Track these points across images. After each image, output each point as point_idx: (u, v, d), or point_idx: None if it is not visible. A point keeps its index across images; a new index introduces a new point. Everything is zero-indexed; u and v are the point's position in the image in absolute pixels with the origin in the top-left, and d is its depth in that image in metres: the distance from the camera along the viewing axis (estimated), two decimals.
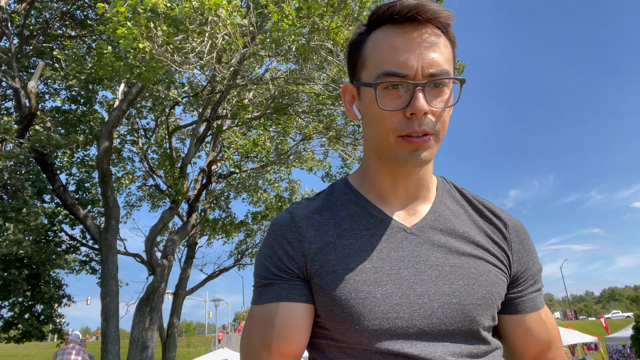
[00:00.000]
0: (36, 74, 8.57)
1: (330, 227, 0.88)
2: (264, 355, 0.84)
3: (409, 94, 0.79)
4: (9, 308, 10.81)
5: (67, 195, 9.39)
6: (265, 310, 0.85)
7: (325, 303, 0.82)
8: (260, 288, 0.88)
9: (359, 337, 0.80)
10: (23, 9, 9.60)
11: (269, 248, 0.89)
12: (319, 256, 0.85)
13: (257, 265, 0.90)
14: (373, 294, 0.80)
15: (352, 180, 0.96)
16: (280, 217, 0.92)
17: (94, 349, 14.60)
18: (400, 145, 0.81)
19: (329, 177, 13.25)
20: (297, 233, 0.88)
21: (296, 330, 0.84)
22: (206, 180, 11.19)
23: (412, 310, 0.80)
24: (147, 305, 9.53)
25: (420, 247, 0.85)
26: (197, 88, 10.48)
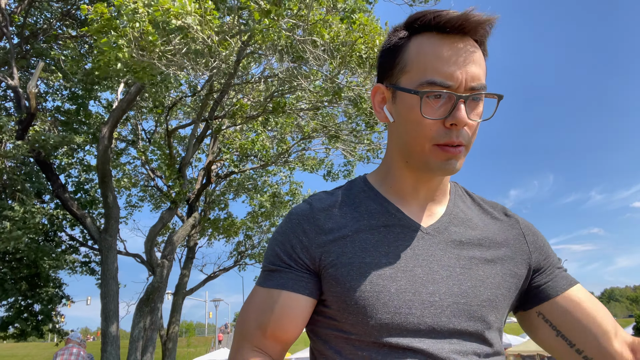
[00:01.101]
0: (36, 74, 8.56)
1: (348, 220, 0.90)
2: (257, 335, 0.87)
3: (450, 104, 0.81)
4: (6, 307, 10.81)
5: (66, 196, 9.39)
6: (268, 295, 0.88)
7: (339, 294, 0.84)
8: (267, 272, 0.90)
9: (370, 330, 0.81)
10: (23, 9, 9.60)
11: (283, 235, 0.91)
12: (336, 247, 0.87)
13: (269, 250, 0.92)
14: (387, 288, 0.82)
15: (371, 179, 0.98)
16: (299, 207, 0.94)
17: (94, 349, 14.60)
18: (435, 154, 0.83)
19: (331, 176, 13.23)
20: (315, 224, 0.89)
21: (293, 320, 0.86)
22: (206, 180, 11.19)
23: (424, 307, 0.82)
24: (147, 305, 9.53)
25: (435, 247, 0.88)
26: (195, 88, 10.49)
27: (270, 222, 14.28)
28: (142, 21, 5.44)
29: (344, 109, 9.83)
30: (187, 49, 6.19)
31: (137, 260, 12.86)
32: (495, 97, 0.84)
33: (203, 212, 13.92)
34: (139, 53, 5.75)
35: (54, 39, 10.32)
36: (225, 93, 9.14)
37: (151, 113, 11.87)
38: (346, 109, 9.54)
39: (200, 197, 12.27)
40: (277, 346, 0.88)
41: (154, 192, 14.37)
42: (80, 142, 9.57)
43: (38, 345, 45.00)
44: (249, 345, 0.88)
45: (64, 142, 9.00)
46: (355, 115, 9.92)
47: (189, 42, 6.01)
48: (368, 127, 10.25)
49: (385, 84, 0.91)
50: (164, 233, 14.21)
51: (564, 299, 0.90)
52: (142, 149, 12.36)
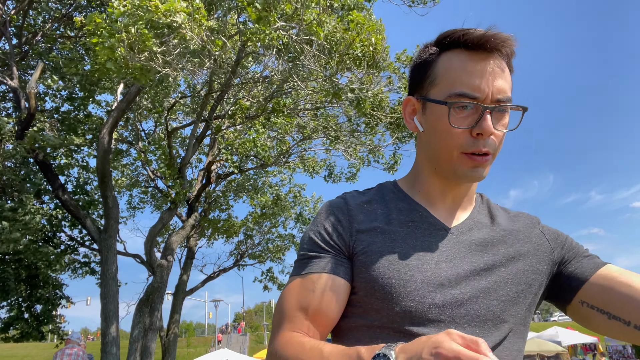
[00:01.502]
0: (35, 74, 8.56)
1: (379, 215, 0.96)
2: (299, 316, 0.89)
3: (477, 115, 0.86)
4: (8, 309, 10.80)
5: (66, 196, 9.38)
6: (308, 279, 0.91)
7: (367, 280, 0.88)
8: (305, 260, 0.94)
9: (394, 316, 0.85)
10: (21, 10, 9.59)
11: (319, 225, 0.96)
12: (367, 237, 0.92)
13: (306, 239, 0.97)
14: (414, 277, 0.86)
15: (400, 183, 1.04)
16: (334, 201, 1.01)
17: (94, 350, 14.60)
18: (463, 161, 0.89)
19: (332, 177, 13.21)
20: (349, 215, 0.95)
21: (335, 302, 0.89)
22: (206, 180, 11.19)
23: (446, 299, 0.85)
24: (147, 305, 9.52)
25: (459, 245, 0.93)
26: (194, 88, 10.48)
27: (271, 223, 14.27)
28: (138, 24, 5.45)
29: (345, 110, 9.83)
30: (182, 48, 6.20)
31: (137, 260, 12.85)
32: (520, 109, 0.90)
33: (203, 213, 13.91)
34: (134, 55, 5.74)
35: (53, 40, 10.32)
36: (225, 93, 9.14)
37: (151, 113, 11.87)
38: (347, 110, 9.54)
39: (200, 198, 12.26)
40: (316, 329, 0.89)
41: (155, 193, 14.36)
42: (79, 143, 9.56)
43: (38, 346, 44.96)
44: (288, 326, 0.88)
45: (64, 143, 9.00)
46: (355, 117, 9.91)
47: (183, 42, 6.01)
48: (368, 128, 10.24)
49: (416, 96, 0.97)
50: (164, 233, 14.20)
51: (598, 279, 0.90)
52: (142, 150, 12.36)
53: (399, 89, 9.14)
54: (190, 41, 6.04)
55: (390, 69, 8.89)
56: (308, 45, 6.87)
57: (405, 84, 9.21)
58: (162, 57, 6.14)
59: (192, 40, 6.01)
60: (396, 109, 9.10)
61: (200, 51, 6.39)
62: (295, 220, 14.64)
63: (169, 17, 5.56)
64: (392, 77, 9.22)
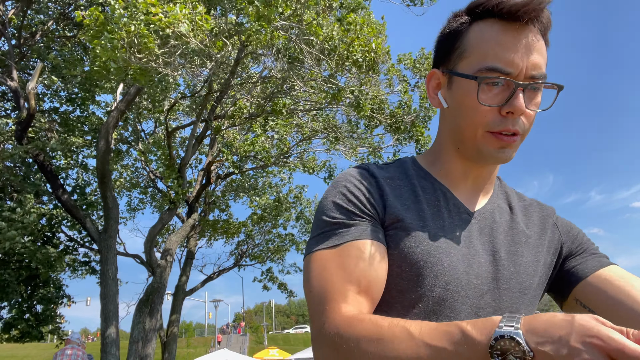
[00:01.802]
0: (35, 75, 8.56)
1: (404, 191, 0.89)
2: (350, 290, 0.77)
3: (508, 92, 0.80)
4: (8, 309, 10.80)
5: (66, 197, 9.38)
6: (351, 248, 0.80)
7: (395, 257, 0.83)
8: (337, 230, 0.83)
9: (416, 299, 0.81)
10: (20, 10, 9.59)
11: (345, 192, 0.86)
12: (397, 211, 0.85)
13: (331, 208, 0.85)
14: (442, 262, 0.82)
15: (420, 161, 0.97)
16: (354, 170, 0.91)
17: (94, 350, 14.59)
18: (488, 141, 0.82)
19: (332, 179, 13.20)
20: (376, 185, 0.88)
21: (384, 270, 0.81)
22: (205, 180, 11.19)
23: (468, 288, 0.82)
24: (146, 306, 9.52)
25: (481, 232, 0.89)
26: (194, 89, 10.49)
27: (272, 223, 14.27)
28: (137, 24, 5.45)
29: (344, 111, 9.84)
30: (183, 50, 6.20)
31: (136, 261, 12.86)
32: (555, 87, 0.84)
33: (203, 213, 13.91)
34: (135, 56, 5.75)
35: (52, 40, 10.32)
36: (224, 93, 9.14)
37: (150, 113, 11.87)
38: (346, 111, 9.55)
39: (200, 198, 12.26)
40: (368, 304, 0.78)
41: (155, 193, 14.36)
42: (79, 144, 9.57)
43: (38, 346, 44.96)
44: (343, 304, 0.75)
45: (64, 144, 9.01)
46: (355, 118, 9.92)
47: (184, 44, 6.02)
48: (368, 130, 10.25)
49: (442, 70, 0.90)
50: (164, 234, 14.20)
51: (595, 278, 0.87)
52: (142, 150, 12.36)
53: (399, 91, 9.15)
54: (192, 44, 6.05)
55: (392, 72, 8.90)
56: (307, 46, 6.87)
57: (405, 87, 9.21)
58: (163, 57, 6.15)
59: (195, 44, 6.02)
60: (396, 111, 9.11)
61: (201, 52, 6.39)
62: (297, 219, 14.63)
63: (172, 28, 5.57)
64: (393, 78, 9.23)
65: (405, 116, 9.02)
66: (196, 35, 5.90)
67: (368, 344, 0.67)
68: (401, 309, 0.82)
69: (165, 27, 5.51)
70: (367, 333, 0.68)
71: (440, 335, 0.62)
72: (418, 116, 9.24)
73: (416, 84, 9.37)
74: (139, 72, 6.06)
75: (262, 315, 72.08)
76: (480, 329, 0.59)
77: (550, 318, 0.56)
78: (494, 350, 0.56)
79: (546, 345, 0.54)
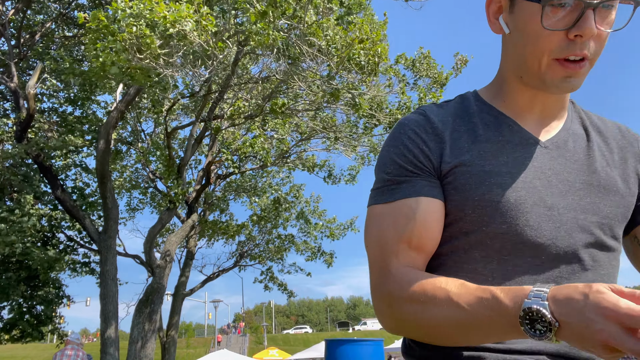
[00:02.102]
0: (34, 75, 8.56)
1: (463, 132, 0.86)
2: (402, 249, 0.81)
3: (577, 13, 0.73)
4: (9, 309, 10.80)
5: (65, 197, 9.38)
6: (402, 206, 0.82)
7: (457, 202, 0.82)
8: (391, 186, 0.85)
9: (484, 240, 0.80)
10: (20, 10, 9.60)
11: (400, 146, 0.86)
12: (454, 156, 0.84)
13: (387, 163, 0.87)
14: (507, 198, 0.79)
15: (482, 94, 0.93)
16: (412, 117, 0.90)
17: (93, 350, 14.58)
18: (553, 70, 0.77)
19: (332, 178, 13.23)
20: (432, 133, 0.86)
21: (436, 226, 0.82)
22: (205, 181, 11.19)
23: (541, 220, 0.79)
24: (146, 306, 9.52)
25: (554, 161, 0.85)
26: (193, 89, 10.48)
27: (272, 224, 14.28)
28: (139, 25, 5.45)
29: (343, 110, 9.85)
30: (185, 51, 6.21)
31: (136, 261, 12.85)
32: (631, 2, 0.76)
33: (203, 213, 13.90)
34: (136, 56, 5.75)
35: (52, 40, 10.32)
36: (223, 93, 9.15)
37: (150, 113, 11.87)
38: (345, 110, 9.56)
39: (200, 198, 12.26)
40: (421, 258, 0.82)
41: (154, 193, 14.36)
42: (79, 144, 9.57)
43: (37, 347, 44.95)
44: (395, 262, 0.80)
45: (64, 145, 9.01)
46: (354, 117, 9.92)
47: (187, 44, 6.02)
48: (367, 130, 10.25)
49: None
50: (164, 234, 14.20)
51: None
52: (142, 150, 12.36)
53: (397, 92, 9.16)
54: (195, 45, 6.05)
55: (390, 72, 8.91)
56: (308, 46, 6.88)
57: (403, 87, 9.21)
58: (164, 58, 6.15)
59: (198, 44, 6.02)
60: (395, 112, 9.12)
61: (203, 52, 6.39)
62: (297, 218, 14.64)
63: (177, 27, 5.56)
64: (392, 79, 9.24)
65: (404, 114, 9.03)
66: (200, 35, 5.90)
67: (414, 304, 0.74)
68: (469, 250, 0.81)
69: (170, 26, 5.51)
70: (413, 294, 0.74)
71: (475, 301, 0.67)
72: None
73: (415, 83, 9.38)
74: (139, 73, 6.07)
75: (261, 315, 72.08)
76: (511, 298, 0.63)
77: (572, 290, 0.59)
78: (522, 319, 0.61)
79: (568, 316, 0.58)
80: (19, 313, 10.74)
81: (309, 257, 14.67)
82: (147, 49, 5.66)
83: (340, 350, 5.09)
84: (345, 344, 5.17)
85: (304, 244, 14.69)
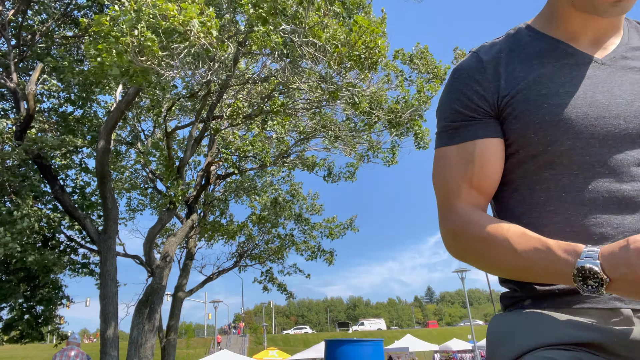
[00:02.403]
0: (34, 75, 8.55)
1: (517, 64, 0.90)
2: (464, 187, 0.89)
3: None
4: (8, 310, 10.79)
5: (65, 197, 9.37)
6: (462, 149, 0.90)
7: (519, 130, 0.86)
8: (450, 131, 0.92)
9: (551, 158, 0.84)
10: (20, 10, 9.59)
11: (456, 92, 0.92)
12: (510, 88, 0.87)
13: (445, 109, 0.94)
14: (567, 115, 0.82)
15: (533, 24, 0.96)
16: (465, 62, 0.94)
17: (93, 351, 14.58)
18: None
19: (332, 177, 13.21)
20: (486, 73, 0.90)
21: (495, 164, 0.89)
22: (205, 181, 11.18)
23: (607, 130, 0.81)
24: (146, 306, 9.51)
25: (614, 74, 0.86)
26: (192, 89, 10.48)
27: (271, 224, 14.27)
28: (140, 28, 5.45)
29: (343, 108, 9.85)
30: (186, 53, 6.20)
31: (136, 261, 12.83)
32: None
33: (202, 214, 13.89)
34: (137, 59, 5.75)
35: (52, 40, 10.31)
36: (223, 93, 9.14)
37: (149, 113, 11.87)
38: (345, 108, 9.56)
39: (200, 199, 12.25)
40: (483, 197, 0.89)
41: (154, 194, 14.34)
42: (79, 144, 9.55)
43: (37, 347, 44.92)
44: (459, 201, 0.89)
45: (63, 144, 8.99)
46: (353, 115, 9.92)
47: (188, 46, 6.02)
48: (366, 126, 10.25)
49: None
50: (163, 234, 14.19)
51: None
52: (142, 150, 12.35)
53: (397, 86, 9.14)
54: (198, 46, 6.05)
55: (389, 67, 8.89)
56: (308, 46, 6.87)
57: (402, 81, 9.20)
58: (166, 60, 6.15)
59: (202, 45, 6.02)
60: (394, 106, 9.10)
61: (204, 54, 6.38)
62: (295, 221, 14.62)
63: (185, 27, 5.58)
64: (390, 74, 9.22)
65: (404, 112, 9.00)
66: (205, 37, 5.90)
67: (475, 242, 0.82)
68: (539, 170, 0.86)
69: (179, 24, 5.51)
70: (475, 234, 0.82)
71: (532, 252, 0.74)
72: (416, 110, 9.21)
73: (410, 77, 9.34)
74: (139, 74, 6.06)
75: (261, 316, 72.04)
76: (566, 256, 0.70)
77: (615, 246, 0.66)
78: (576, 277, 0.68)
79: (616, 269, 0.65)
80: (18, 313, 10.73)
81: (309, 257, 14.64)
82: (148, 52, 5.66)
83: (340, 350, 5.08)
84: (345, 344, 5.16)
85: (304, 243, 14.67)
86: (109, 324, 8.71)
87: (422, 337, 37.66)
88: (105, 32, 5.57)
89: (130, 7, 5.51)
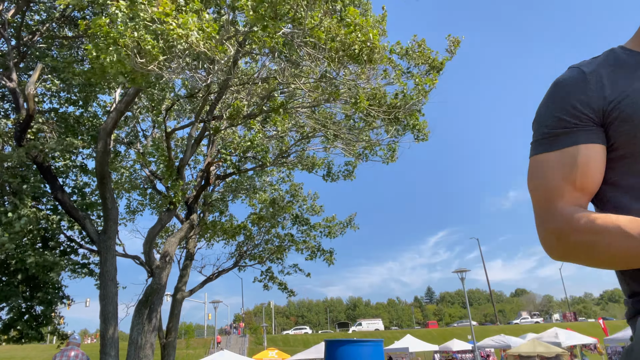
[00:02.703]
0: (34, 76, 8.55)
1: (619, 75, 0.95)
2: (567, 189, 0.93)
3: None
4: (8, 310, 10.78)
5: (65, 198, 9.36)
6: (564, 154, 0.94)
7: (628, 130, 0.90)
8: (551, 138, 0.96)
9: None
10: (20, 10, 9.58)
11: (559, 101, 0.96)
12: (615, 95, 0.92)
13: (547, 118, 0.98)
14: None
15: (629, 45, 1.02)
16: (567, 74, 1.00)
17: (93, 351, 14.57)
18: None
19: (331, 176, 13.20)
20: (590, 82, 0.95)
21: (597, 168, 0.93)
22: (205, 181, 11.18)
23: None
24: (145, 307, 9.50)
25: None
26: (192, 89, 10.47)
27: (270, 224, 14.26)
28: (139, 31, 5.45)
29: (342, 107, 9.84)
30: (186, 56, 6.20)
31: (136, 262, 12.83)
32: None
33: (202, 214, 13.89)
34: (138, 62, 5.75)
35: (51, 40, 10.31)
36: (222, 94, 9.14)
37: (149, 113, 11.86)
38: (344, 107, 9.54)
39: (199, 199, 12.24)
40: (585, 198, 0.93)
41: (154, 194, 14.33)
42: (78, 145, 9.55)
43: (37, 347, 44.91)
44: (561, 201, 0.92)
45: (65, 148, 8.99)
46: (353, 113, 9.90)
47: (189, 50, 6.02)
48: (366, 125, 10.24)
49: None
50: (163, 235, 14.18)
51: None
52: (141, 151, 12.35)
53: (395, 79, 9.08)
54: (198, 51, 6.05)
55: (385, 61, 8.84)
56: (307, 46, 6.87)
57: (399, 74, 9.15)
58: (166, 64, 6.15)
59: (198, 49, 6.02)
60: (392, 102, 9.05)
61: (204, 56, 6.39)
62: (293, 222, 14.61)
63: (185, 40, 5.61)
64: (388, 69, 9.17)
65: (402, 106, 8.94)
66: (205, 43, 5.91)
67: (584, 235, 0.85)
68: None
69: (178, 37, 5.55)
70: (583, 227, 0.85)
71: None
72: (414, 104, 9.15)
73: (408, 70, 9.29)
74: (138, 75, 6.06)
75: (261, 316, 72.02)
76: None
77: None
78: None
79: None
80: (18, 314, 10.72)
81: (308, 257, 14.63)
82: (148, 55, 5.66)
83: (340, 350, 5.08)
84: (345, 345, 5.16)
85: (304, 243, 14.66)
86: (109, 325, 8.70)
87: (422, 338, 37.66)
88: (104, 32, 5.57)
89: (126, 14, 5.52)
